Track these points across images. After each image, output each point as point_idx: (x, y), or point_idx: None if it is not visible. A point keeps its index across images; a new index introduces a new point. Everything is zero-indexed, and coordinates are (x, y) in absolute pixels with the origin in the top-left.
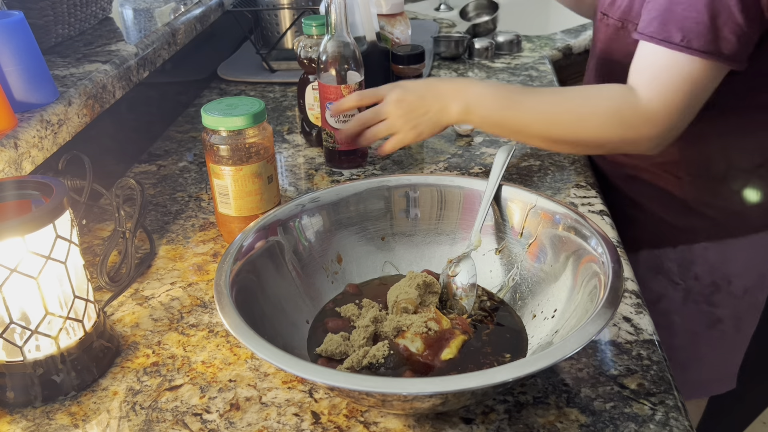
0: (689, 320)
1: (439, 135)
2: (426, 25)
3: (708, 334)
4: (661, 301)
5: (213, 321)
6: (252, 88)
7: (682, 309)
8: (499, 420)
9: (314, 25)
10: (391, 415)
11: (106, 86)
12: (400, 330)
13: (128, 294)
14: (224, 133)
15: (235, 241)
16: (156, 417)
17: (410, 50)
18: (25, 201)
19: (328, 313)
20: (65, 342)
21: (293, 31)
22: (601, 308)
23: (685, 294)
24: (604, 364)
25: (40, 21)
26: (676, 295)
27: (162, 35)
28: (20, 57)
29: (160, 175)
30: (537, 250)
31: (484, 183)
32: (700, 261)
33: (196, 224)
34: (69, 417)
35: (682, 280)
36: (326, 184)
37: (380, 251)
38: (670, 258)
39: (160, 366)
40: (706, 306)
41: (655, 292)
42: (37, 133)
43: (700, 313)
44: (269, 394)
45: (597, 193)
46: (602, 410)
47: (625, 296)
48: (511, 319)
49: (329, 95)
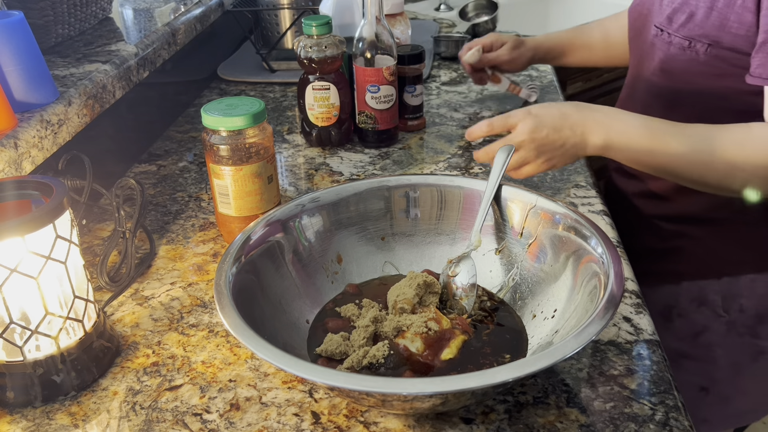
0: (732, 352)
1: (439, 135)
2: (426, 25)
3: (752, 366)
4: (703, 334)
5: (213, 321)
6: (252, 88)
7: (725, 341)
8: (499, 420)
9: (314, 25)
10: (391, 415)
11: (106, 86)
12: (400, 330)
13: (128, 294)
14: (224, 133)
15: (235, 241)
16: (156, 417)
17: (410, 50)
18: (25, 201)
19: (328, 313)
20: (65, 342)
21: (293, 31)
22: (601, 308)
23: (729, 326)
24: (604, 364)
25: (40, 21)
26: (719, 328)
27: (162, 35)
28: (20, 57)
29: (160, 175)
30: (537, 250)
31: (484, 183)
32: (747, 293)
33: (196, 224)
34: (69, 417)
35: (726, 313)
36: (326, 184)
37: (380, 251)
38: (714, 290)
39: (160, 366)
40: (749, 338)
41: (698, 324)
42: (37, 133)
43: (743, 345)
44: (269, 394)
45: (597, 193)
46: (602, 410)
47: (625, 296)
48: (511, 319)
49: (369, 77)
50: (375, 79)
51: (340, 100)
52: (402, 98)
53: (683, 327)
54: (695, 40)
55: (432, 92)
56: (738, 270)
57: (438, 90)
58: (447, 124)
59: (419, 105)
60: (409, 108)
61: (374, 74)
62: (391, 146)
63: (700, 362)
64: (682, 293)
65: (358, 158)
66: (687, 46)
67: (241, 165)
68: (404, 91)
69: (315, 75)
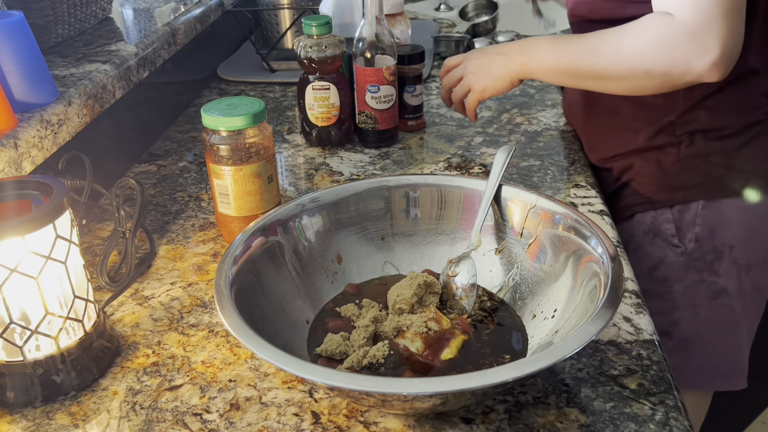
0: (691, 292)
1: (439, 135)
2: (426, 25)
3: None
4: (659, 267)
5: (213, 321)
6: (252, 88)
7: (683, 277)
8: (499, 420)
9: (314, 25)
10: (391, 415)
11: (106, 86)
12: (400, 330)
13: (128, 294)
14: (224, 133)
15: (235, 241)
16: (156, 417)
17: (410, 50)
18: (25, 201)
19: (328, 313)
20: (65, 342)
21: (293, 31)
22: (601, 308)
23: (687, 261)
24: (604, 364)
25: (40, 21)
26: (675, 260)
27: (162, 35)
28: (20, 57)
29: (160, 175)
30: (537, 250)
31: (484, 183)
32: (700, 222)
33: (196, 224)
34: (69, 417)
35: (681, 243)
36: (326, 184)
37: (380, 251)
38: (666, 219)
39: (160, 366)
40: (708, 275)
41: (653, 257)
42: (37, 133)
43: (702, 283)
44: (269, 394)
45: (597, 193)
46: (602, 410)
47: (625, 296)
48: (511, 319)
49: (369, 77)
50: (375, 79)
51: (340, 100)
52: (402, 98)
53: (639, 262)
54: None
55: (432, 92)
56: (687, 197)
57: (438, 90)
58: (447, 124)
59: (419, 105)
60: (409, 108)
61: (374, 74)
62: (391, 146)
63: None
64: (635, 226)
65: (358, 158)
66: None
67: (241, 165)
68: (404, 91)
69: (315, 75)
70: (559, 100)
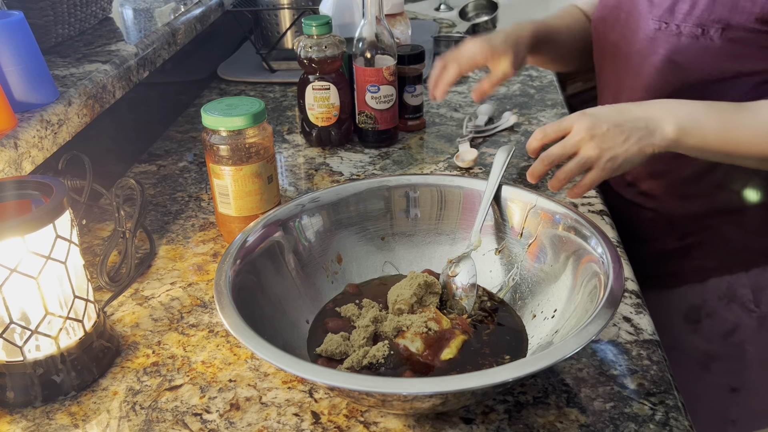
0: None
1: (439, 135)
2: (426, 25)
3: None
4: (735, 333)
5: (213, 321)
6: (252, 88)
7: (757, 337)
8: (499, 420)
9: (314, 25)
10: (391, 415)
11: (106, 86)
12: (400, 330)
13: (128, 294)
14: (224, 133)
15: (235, 241)
16: (156, 417)
17: (410, 50)
18: (25, 201)
19: (328, 313)
20: (65, 342)
21: (293, 31)
22: (601, 308)
23: (760, 321)
24: (604, 364)
25: (40, 21)
26: (750, 323)
27: (162, 35)
28: (20, 57)
29: (160, 175)
30: (537, 250)
31: (484, 183)
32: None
33: (196, 224)
34: (69, 417)
35: (758, 307)
36: (326, 184)
37: (380, 251)
38: (743, 284)
39: (160, 366)
40: None
41: (729, 322)
42: (37, 133)
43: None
44: (269, 394)
45: (597, 193)
46: (602, 410)
47: (625, 296)
48: (511, 319)
49: (369, 77)
50: (375, 79)
51: (340, 100)
52: (402, 98)
53: (713, 327)
54: (708, 26)
55: None
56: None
57: None
58: (447, 124)
59: (419, 105)
60: (409, 108)
61: (374, 74)
62: (391, 146)
63: (730, 362)
64: (709, 291)
65: (358, 158)
66: (700, 34)
67: (241, 165)
68: (404, 91)
69: (315, 75)
70: (559, 100)
